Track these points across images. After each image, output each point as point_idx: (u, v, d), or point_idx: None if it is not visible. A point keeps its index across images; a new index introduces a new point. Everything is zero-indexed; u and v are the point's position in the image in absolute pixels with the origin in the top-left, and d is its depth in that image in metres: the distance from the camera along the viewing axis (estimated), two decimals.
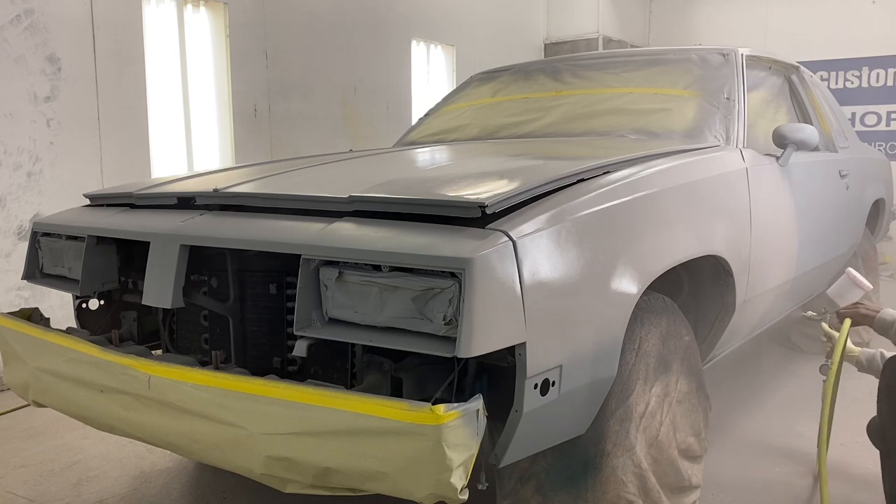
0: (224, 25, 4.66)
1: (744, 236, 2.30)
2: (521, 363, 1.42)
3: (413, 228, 1.49)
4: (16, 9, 3.61)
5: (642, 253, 1.79)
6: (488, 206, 1.45)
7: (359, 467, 1.36)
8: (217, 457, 1.56)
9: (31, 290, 3.69)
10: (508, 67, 3.50)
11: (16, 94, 3.64)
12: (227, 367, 1.72)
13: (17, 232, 3.69)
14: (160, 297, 1.77)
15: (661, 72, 2.91)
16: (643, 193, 1.85)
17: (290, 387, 1.44)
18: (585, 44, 7.60)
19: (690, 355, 2.04)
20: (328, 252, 1.48)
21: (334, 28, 5.37)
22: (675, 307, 2.01)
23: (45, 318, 2.14)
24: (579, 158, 2.03)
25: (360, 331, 1.46)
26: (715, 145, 2.47)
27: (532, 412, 1.46)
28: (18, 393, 2.07)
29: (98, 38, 3.96)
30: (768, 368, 3.85)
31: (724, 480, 2.51)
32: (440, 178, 1.92)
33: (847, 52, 7.41)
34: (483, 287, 1.33)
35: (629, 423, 1.76)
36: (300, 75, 5.14)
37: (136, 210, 2.09)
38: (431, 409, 1.27)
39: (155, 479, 2.56)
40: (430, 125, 3.35)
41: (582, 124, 2.80)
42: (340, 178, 2.07)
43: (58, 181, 3.81)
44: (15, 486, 2.50)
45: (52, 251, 2.20)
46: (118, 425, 1.75)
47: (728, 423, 2.97)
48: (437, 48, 6.50)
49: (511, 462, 1.52)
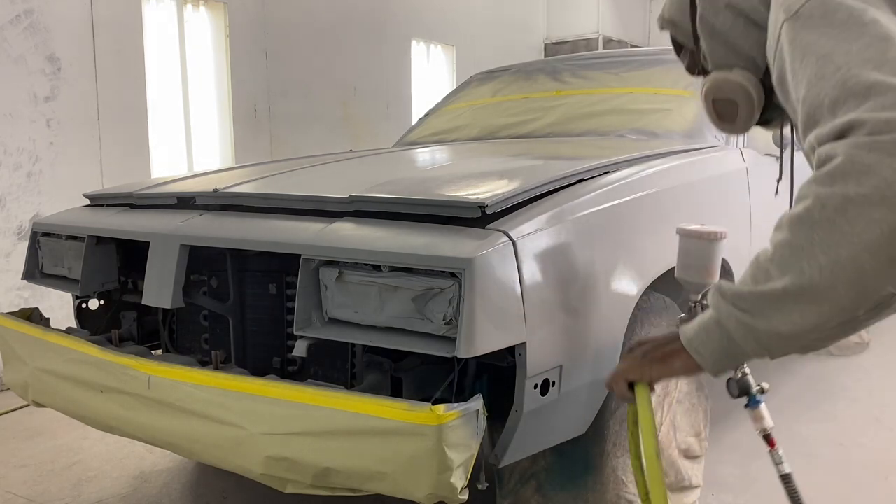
0: (224, 25, 4.66)
1: (744, 236, 2.30)
2: (521, 363, 1.42)
3: (413, 228, 1.49)
4: (16, 9, 3.60)
5: (642, 253, 1.79)
6: (488, 206, 1.45)
7: (359, 467, 1.36)
8: (217, 457, 1.56)
9: (31, 290, 3.69)
10: (508, 67, 3.50)
11: (16, 94, 3.64)
12: (227, 367, 1.73)
13: (17, 232, 3.69)
14: (160, 297, 1.77)
15: (661, 72, 2.90)
16: (643, 193, 1.85)
17: (290, 387, 1.44)
18: (585, 44, 7.60)
19: None
20: (328, 252, 1.48)
21: (334, 28, 5.37)
22: (676, 307, 2.01)
23: (45, 318, 2.14)
24: (579, 158, 2.03)
25: (360, 331, 1.46)
26: (715, 145, 2.47)
27: (532, 412, 1.46)
28: (18, 393, 2.07)
29: (98, 38, 3.96)
30: (768, 368, 3.85)
31: (724, 480, 2.50)
32: (440, 178, 1.92)
33: None
34: (483, 287, 1.33)
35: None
36: (300, 75, 5.13)
37: (136, 210, 2.09)
38: (431, 409, 1.27)
39: (155, 479, 2.56)
40: (430, 125, 3.35)
41: (582, 124, 2.80)
42: (340, 178, 2.07)
43: (58, 181, 3.81)
44: (15, 486, 2.50)
45: (52, 251, 2.20)
46: (118, 425, 1.75)
47: (728, 423, 2.97)
48: (437, 48, 6.50)
49: (511, 462, 1.52)
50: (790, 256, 0.91)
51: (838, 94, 0.87)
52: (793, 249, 0.90)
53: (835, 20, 0.91)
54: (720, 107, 1.18)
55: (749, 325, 0.96)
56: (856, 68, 0.87)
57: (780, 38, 0.98)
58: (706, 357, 1.03)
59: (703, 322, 1.04)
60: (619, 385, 1.17)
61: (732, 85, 1.14)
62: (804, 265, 0.89)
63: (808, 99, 0.92)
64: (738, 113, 1.16)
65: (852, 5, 0.91)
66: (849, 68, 0.87)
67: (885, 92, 0.83)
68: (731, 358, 1.02)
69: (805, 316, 0.91)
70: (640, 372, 1.13)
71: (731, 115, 1.18)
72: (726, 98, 1.15)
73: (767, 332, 0.95)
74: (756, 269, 0.97)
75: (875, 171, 0.82)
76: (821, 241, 0.87)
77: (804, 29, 0.94)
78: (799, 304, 0.91)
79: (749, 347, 0.98)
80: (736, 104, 1.14)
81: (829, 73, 0.89)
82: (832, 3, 0.93)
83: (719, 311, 1.00)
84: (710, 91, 1.18)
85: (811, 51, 0.92)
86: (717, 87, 1.17)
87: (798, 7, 0.95)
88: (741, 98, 1.14)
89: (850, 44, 0.89)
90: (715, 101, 1.18)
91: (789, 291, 0.91)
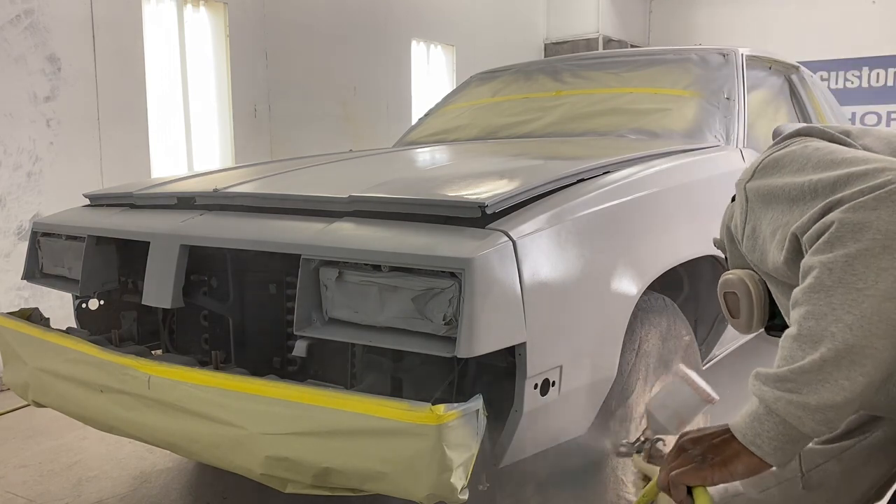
0: (224, 25, 4.66)
1: None
2: (521, 363, 1.42)
3: (413, 228, 1.49)
4: (16, 9, 3.60)
5: (642, 253, 1.79)
6: (488, 206, 1.45)
7: (359, 467, 1.36)
8: (217, 457, 1.56)
9: (31, 290, 3.69)
10: (508, 67, 3.50)
11: (16, 94, 3.63)
12: (227, 367, 1.72)
13: (17, 232, 3.69)
14: (160, 297, 1.77)
15: (661, 72, 2.91)
16: (643, 193, 1.85)
17: (290, 387, 1.44)
18: (585, 44, 7.59)
19: (690, 355, 2.04)
20: (328, 252, 1.48)
21: (334, 28, 5.37)
22: (675, 307, 2.01)
23: (45, 318, 2.14)
24: (579, 158, 2.02)
25: (360, 331, 1.46)
26: (715, 145, 2.47)
27: (532, 412, 1.46)
28: (18, 393, 2.07)
29: (98, 38, 3.96)
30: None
31: None
32: (440, 178, 1.92)
33: (847, 52, 7.41)
34: (483, 287, 1.33)
35: (629, 424, 1.76)
36: (300, 75, 5.13)
37: (136, 210, 2.09)
38: (431, 409, 1.27)
39: (155, 479, 2.56)
40: (430, 125, 3.35)
41: (582, 124, 2.80)
42: (340, 178, 2.07)
43: (58, 181, 3.80)
44: (15, 486, 2.50)
45: (52, 251, 2.20)
46: (118, 425, 1.75)
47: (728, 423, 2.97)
48: (437, 48, 6.50)
49: (511, 462, 1.52)
50: (816, 326, 0.91)
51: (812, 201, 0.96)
52: (817, 319, 0.91)
53: (784, 163, 1.05)
54: (728, 301, 1.26)
55: (800, 404, 0.93)
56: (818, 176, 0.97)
57: (747, 199, 1.10)
58: (766, 449, 0.98)
59: (751, 413, 1.00)
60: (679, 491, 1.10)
61: (735, 280, 1.22)
62: (833, 330, 0.90)
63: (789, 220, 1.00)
64: (740, 306, 1.23)
65: (796, 148, 1.06)
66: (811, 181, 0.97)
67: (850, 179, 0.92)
68: (792, 442, 0.97)
69: (852, 378, 0.90)
70: (700, 478, 1.06)
71: (736, 310, 1.24)
72: (731, 292, 1.23)
73: (821, 406, 0.92)
74: (787, 350, 0.95)
75: (868, 226, 0.87)
76: (841, 303, 0.89)
77: (763, 178, 1.07)
78: (842, 369, 0.90)
79: (808, 428, 0.94)
80: (738, 297, 1.22)
81: (796, 194, 0.99)
82: (778, 156, 1.07)
83: (765, 398, 0.97)
84: (720, 285, 1.27)
85: (776, 188, 1.04)
86: (723, 282, 1.25)
87: (752, 173, 1.10)
88: (741, 292, 1.21)
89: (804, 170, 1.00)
90: (724, 296, 1.26)
91: (828, 359, 0.90)
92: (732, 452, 1.02)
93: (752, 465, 1.00)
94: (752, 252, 1.11)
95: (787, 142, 1.11)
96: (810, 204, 0.96)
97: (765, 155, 1.11)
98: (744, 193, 1.11)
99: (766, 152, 1.12)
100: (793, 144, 1.08)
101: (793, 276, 1.00)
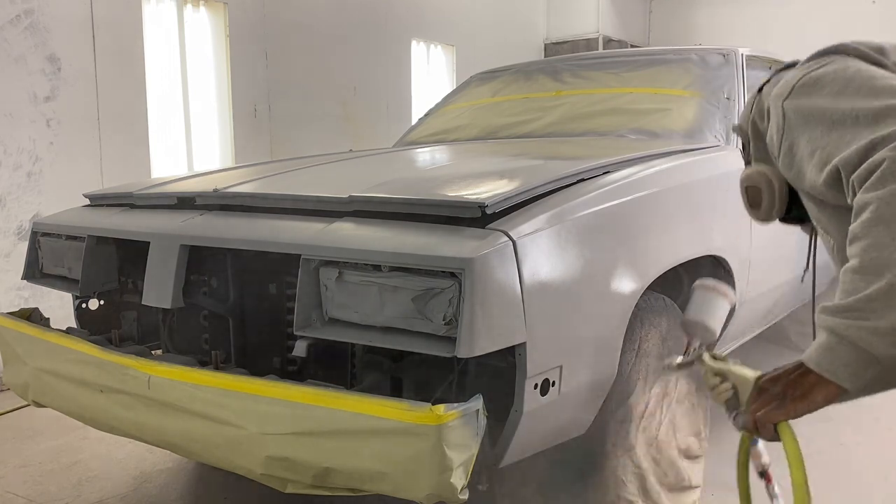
0: (224, 25, 4.66)
1: (744, 236, 2.30)
2: (521, 363, 1.42)
3: (413, 228, 1.49)
4: (16, 9, 3.60)
5: (642, 253, 1.79)
6: (488, 206, 1.45)
7: (359, 467, 1.36)
8: (217, 457, 1.56)
9: (31, 290, 3.69)
10: (508, 67, 3.50)
11: (16, 94, 3.63)
12: (227, 367, 1.72)
13: (17, 232, 3.69)
14: (160, 297, 1.77)
15: (661, 72, 2.91)
16: (643, 193, 1.85)
17: (290, 387, 1.44)
18: (585, 44, 7.59)
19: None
20: (328, 252, 1.48)
21: (334, 28, 5.37)
22: (675, 307, 2.01)
23: (45, 318, 2.14)
24: (579, 158, 2.03)
25: (360, 331, 1.46)
26: (715, 145, 2.47)
27: (532, 412, 1.46)
28: (18, 393, 2.07)
29: (98, 38, 3.96)
30: (768, 368, 3.85)
31: (724, 480, 2.50)
32: (440, 178, 1.92)
33: None
34: (483, 287, 1.33)
35: (629, 423, 1.76)
36: (300, 75, 5.13)
37: (136, 210, 2.09)
38: (431, 409, 1.27)
39: (155, 479, 2.56)
40: (430, 125, 3.35)
41: (582, 124, 2.80)
42: (340, 178, 2.07)
43: (58, 181, 3.80)
44: (15, 486, 2.50)
45: (52, 251, 2.20)
46: (118, 425, 1.75)
47: (728, 422, 2.98)
48: (437, 48, 6.50)
49: (511, 462, 1.52)
50: (879, 256, 0.95)
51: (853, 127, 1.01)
52: (879, 249, 0.95)
53: (824, 83, 1.09)
54: (750, 194, 1.31)
55: (871, 328, 0.97)
56: (859, 104, 1.01)
57: (784, 115, 1.13)
58: (842, 375, 1.01)
59: (823, 344, 1.03)
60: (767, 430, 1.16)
61: (758, 174, 1.27)
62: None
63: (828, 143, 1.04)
64: (762, 200, 1.28)
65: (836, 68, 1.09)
66: (853, 109, 1.01)
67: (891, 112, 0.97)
68: (867, 366, 1.00)
69: None
70: (785, 413, 1.12)
71: (758, 202, 1.30)
72: (753, 185, 1.29)
73: (891, 329, 0.96)
74: (850, 283, 0.99)
75: None
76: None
77: (802, 97, 1.11)
78: None
79: (880, 350, 0.98)
80: (760, 191, 1.27)
81: (838, 118, 1.03)
82: (817, 74, 1.11)
83: (835, 329, 1.00)
84: (742, 179, 1.33)
85: (816, 109, 1.07)
86: (746, 176, 1.31)
87: (790, 89, 1.13)
88: (764, 186, 1.26)
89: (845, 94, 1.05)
90: (746, 189, 1.32)
91: (895, 283, 0.94)
92: (810, 384, 1.06)
93: (830, 394, 1.05)
94: (789, 169, 1.15)
95: (825, 59, 1.14)
96: (851, 130, 1.01)
97: (803, 72, 1.13)
98: (781, 110, 1.14)
99: (803, 69, 1.15)
100: (831, 63, 1.11)
101: (828, 195, 1.07)
